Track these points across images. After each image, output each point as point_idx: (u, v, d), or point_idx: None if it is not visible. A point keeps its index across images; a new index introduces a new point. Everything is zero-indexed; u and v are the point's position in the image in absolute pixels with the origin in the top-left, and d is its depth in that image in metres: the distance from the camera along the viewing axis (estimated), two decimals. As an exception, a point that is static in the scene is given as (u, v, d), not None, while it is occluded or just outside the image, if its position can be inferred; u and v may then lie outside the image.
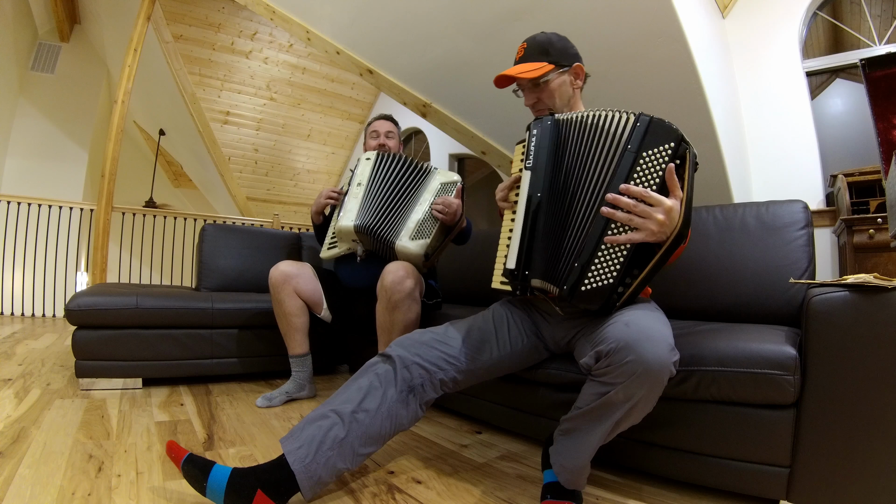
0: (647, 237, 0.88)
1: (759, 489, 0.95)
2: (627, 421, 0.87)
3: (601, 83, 2.34)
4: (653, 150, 0.90)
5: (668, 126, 0.90)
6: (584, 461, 0.92)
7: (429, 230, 1.59)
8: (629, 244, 0.90)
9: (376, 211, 1.63)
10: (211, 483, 0.86)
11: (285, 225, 5.00)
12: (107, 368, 1.76)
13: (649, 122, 0.91)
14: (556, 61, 1.14)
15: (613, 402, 0.84)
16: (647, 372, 0.80)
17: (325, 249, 1.77)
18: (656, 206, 0.87)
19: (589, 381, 0.91)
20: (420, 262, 1.59)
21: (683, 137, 0.90)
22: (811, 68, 2.97)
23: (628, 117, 0.94)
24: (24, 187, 4.94)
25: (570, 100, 1.17)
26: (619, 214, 0.89)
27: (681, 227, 0.87)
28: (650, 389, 0.82)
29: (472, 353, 1.08)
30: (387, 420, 0.97)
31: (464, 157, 5.54)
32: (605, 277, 0.91)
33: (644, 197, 0.88)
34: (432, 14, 2.58)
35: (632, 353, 0.80)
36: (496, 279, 1.12)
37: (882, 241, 2.18)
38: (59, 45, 5.63)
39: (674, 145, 0.89)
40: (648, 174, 0.90)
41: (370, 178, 1.69)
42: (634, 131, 0.92)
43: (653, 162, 0.90)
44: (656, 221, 0.87)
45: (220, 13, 4.98)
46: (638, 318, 0.86)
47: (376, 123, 1.89)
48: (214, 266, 2.31)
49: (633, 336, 0.81)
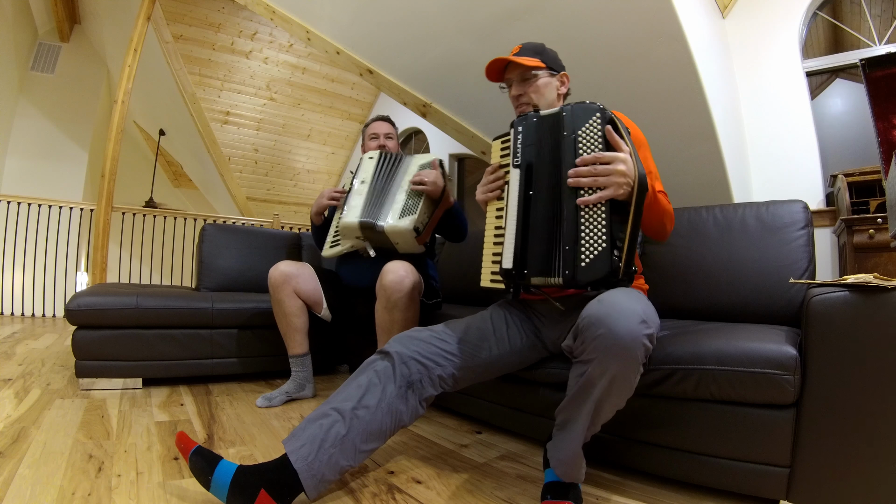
0: (615, 192, 0.94)
1: (759, 489, 0.95)
2: (608, 401, 0.87)
3: (601, 83, 2.34)
4: (584, 125, 1.00)
5: (588, 104, 1.01)
6: (575, 450, 0.92)
7: (414, 206, 1.59)
8: (604, 206, 0.95)
9: (375, 205, 1.64)
10: (216, 478, 0.86)
11: (285, 225, 5.00)
12: (107, 368, 1.76)
13: (572, 107, 1.02)
14: (548, 63, 1.23)
15: (591, 379, 0.86)
16: (618, 344, 0.81)
17: (326, 248, 1.77)
18: (613, 161, 0.94)
19: (573, 365, 0.92)
20: (412, 237, 1.57)
21: (605, 108, 1.00)
22: (811, 68, 2.97)
23: (561, 110, 1.04)
24: (24, 187, 4.94)
25: (552, 102, 1.22)
26: (584, 180, 0.96)
27: (639, 177, 0.94)
28: (623, 363, 0.83)
29: (471, 350, 1.08)
30: (387, 416, 0.97)
31: (464, 157, 5.54)
32: (598, 244, 0.95)
33: (597, 159, 0.96)
34: (432, 14, 2.58)
35: (602, 327, 0.82)
36: (485, 277, 1.12)
37: (882, 241, 2.18)
38: (59, 45, 5.62)
39: (599, 115, 0.99)
40: (590, 145, 0.99)
41: (374, 175, 1.70)
42: (565, 119, 1.02)
43: (589, 134, 0.99)
44: (619, 173, 0.93)
45: (220, 13, 4.98)
46: (611, 296, 0.88)
47: (375, 125, 1.89)
48: (214, 266, 2.31)
49: (605, 310, 0.84)
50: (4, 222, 4.25)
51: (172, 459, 1.13)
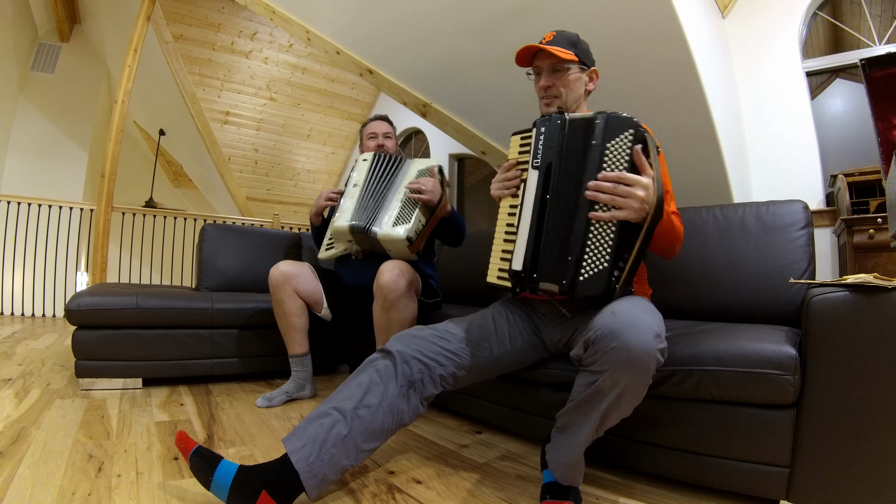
0: (629, 215, 0.93)
1: (759, 489, 0.95)
2: (616, 412, 0.87)
3: (601, 83, 2.34)
4: (615, 139, 0.97)
5: (624, 117, 0.97)
6: (576, 455, 0.92)
7: (408, 214, 1.58)
8: (614, 226, 0.94)
9: (367, 208, 1.63)
10: (216, 478, 0.86)
11: (285, 225, 5.00)
12: (107, 368, 1.76)
13: (606, 116, 0.98)
14: (581, 57, 1.17)
15: (601, 390, 0.85)
16: (631, 358, 0.81)
17: (322, 250, 1.77)
18: (634, 185, 0.93)
19: (580, 373, 0.92)
20: (404, 246, 1.56)
21: (640, 124, 0.96)
22: (811, 68, 2.97)
23: (593, 116, 1.00)
24: (24, 187, 4.94)
25: (578, 99, 1.19)
26: (602, 196, 0.95)
27: (657, 203, 0.93)
28: (635, 377, 0.83)
29: (472, 349, 1.08)
30: (388, 415, 0.97)
31: (464, 157, 5.54)
32: (600, 262, 0.94)
33: (620, 179, 0.94)
34: (432, 14, 2.58)
35: (616, 340, 0.82)
36: (492, 274, 1.11)
37: (882, 241, 2.18)
38: (59, 45, 5.62)
39: (633, 132, 0.95)
40: (616, 161, 0.96)
41: (367, 178, 1.69)
42: (596, 127, 0.99)
43: (618, 149, 0.96)
44: (638, 199, 0.92)
45: (220, 13, 4.98)
46: (624, 307, 0.87)
47: (373, 125, 1.88)
48: (214, 266, 2.31)
49: (618, 323, 0.83)
50: (4, 222, 4.25)
51: (172, 459, 1.13)
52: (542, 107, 1.20)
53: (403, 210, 1.59)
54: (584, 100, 1.22)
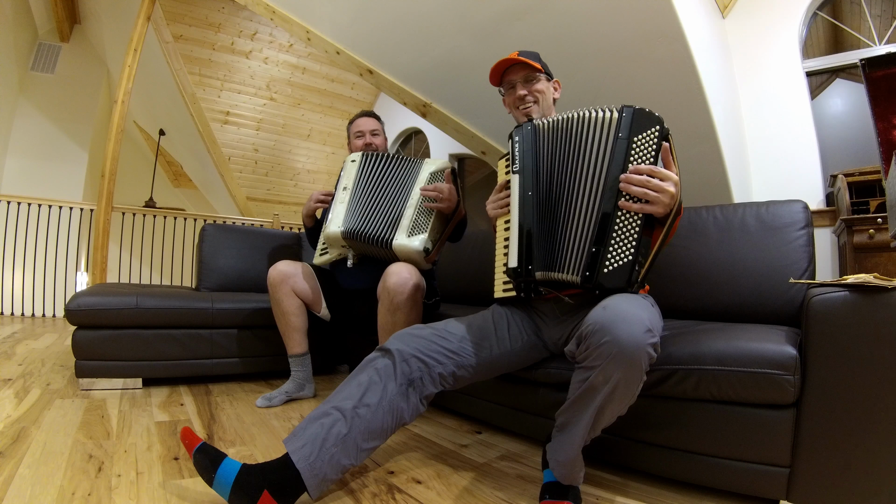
0: (657, 209, 0.95)
1: (759, 489, 0.95)
2: (610, 408, 0.87)
3: (601, 83, 2.34)
4: (642, 134, 0.99)
5: (650, 113, 1.00)
6: (574, 453, 0.92)
7: (425, 223, 1.52)
8: (640, 220, 0.97)
9: (365, 213, 1.59)
10: (219, 476, 0.86)
11: (285, 225, 5.00)
12: (107, 368, 1.76)
13: (634, 111, 1.00)
14: (545, 69, 1.29)
15: (594, 385, 0.86)
16: (622, 352, 0.81)
17: (317, 255, 1.76)
18: (666, 180, 0.95)
19: (575, 370, 0.93)
20: (421, 258, 1.52)
21: (663, 120, 0.99)
22: (811, 68, 2.97)
23: (613, 110, 1.02)
24: (24, 187, 4.93)
25: (550, 106, 1.29)
26: (634, 188, 0.96)
27: (679, 202, 0.97)
28: (627, 371, 0.83)
29: (472, 348, 1.08)
30: (388, 414, 0.97)
31: (464, 157, 5.54)
32: (625, 255, 0.97)
33: (653, 173, 0.96)
34: (432, 13, 2.58)
35: (607, 335, 0.82)
36: (498, 288, 1.15)
37: (882, 241, 2.18)
38: (59, 45, 5.62)
39: (659, 128, 0.98)
40: (643, 155, 0.98)
41: (356, 180, 1.65)
42: (622, 121, 1.01)
43: (644, 144, 0.99)
44: (669, 194, 0.95)
45: (220, 13, 4.98)
46: (616, 303, 0.88)
47: (360, 122, 1.84)
48: (214, 266, 2.31)
49: (609, 318, 0.84)
50: (4, 222, 4.25)
51: (172, 459, 1.13)
52: (518, 117, 1.28)
53: (419, 218, 1.52)
54: (553, 108, 1.30)
